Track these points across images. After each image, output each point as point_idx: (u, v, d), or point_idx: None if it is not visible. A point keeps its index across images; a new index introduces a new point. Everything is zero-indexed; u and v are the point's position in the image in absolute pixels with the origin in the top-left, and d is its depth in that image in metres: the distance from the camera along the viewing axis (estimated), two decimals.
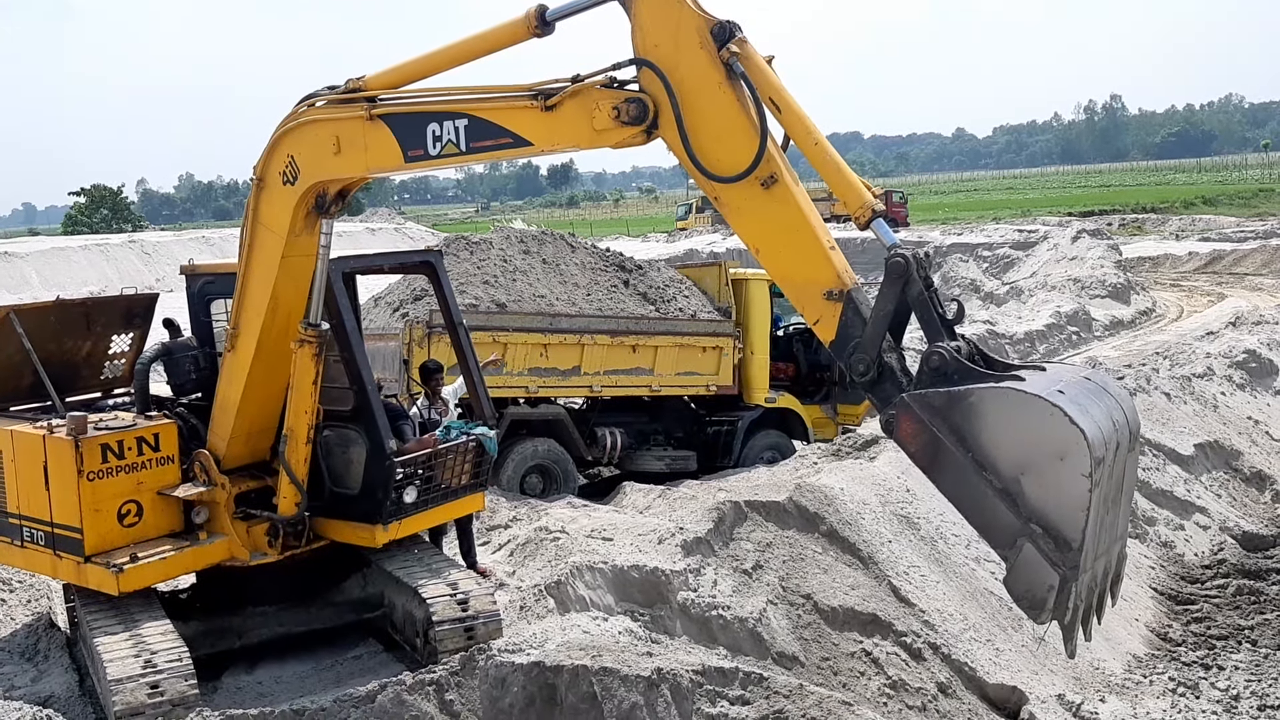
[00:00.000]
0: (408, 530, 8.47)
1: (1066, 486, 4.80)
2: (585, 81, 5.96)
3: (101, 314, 9.49)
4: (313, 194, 7.39)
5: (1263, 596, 11.98)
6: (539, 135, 6.21)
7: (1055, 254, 37.04)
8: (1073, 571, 4.86)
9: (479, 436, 8.71)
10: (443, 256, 9.59)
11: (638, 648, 8.03)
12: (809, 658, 9.48)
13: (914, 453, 5.21)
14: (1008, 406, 4.92)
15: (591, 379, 14.08)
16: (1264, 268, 38.73)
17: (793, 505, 10.87)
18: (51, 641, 8.96)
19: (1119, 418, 5.14)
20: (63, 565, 7.89)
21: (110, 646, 7.31)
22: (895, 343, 5.40)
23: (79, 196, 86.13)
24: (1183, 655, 10.79)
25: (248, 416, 8.15)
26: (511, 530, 11.11)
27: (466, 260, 14.61)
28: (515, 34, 6.25)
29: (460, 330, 9.13)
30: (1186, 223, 57.09)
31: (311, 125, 7.22)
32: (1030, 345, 25.06)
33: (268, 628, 8.58)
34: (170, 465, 8.10)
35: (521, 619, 8.87)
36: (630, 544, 10.13)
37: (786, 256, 5.65)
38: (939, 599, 10.41)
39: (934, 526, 11.40)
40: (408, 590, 8.30)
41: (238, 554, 8.21)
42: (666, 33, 5.68)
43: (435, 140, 6.57)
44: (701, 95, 5.64)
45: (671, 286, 15.60)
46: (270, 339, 7.82)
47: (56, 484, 7.76)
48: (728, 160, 5.62)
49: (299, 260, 7.63)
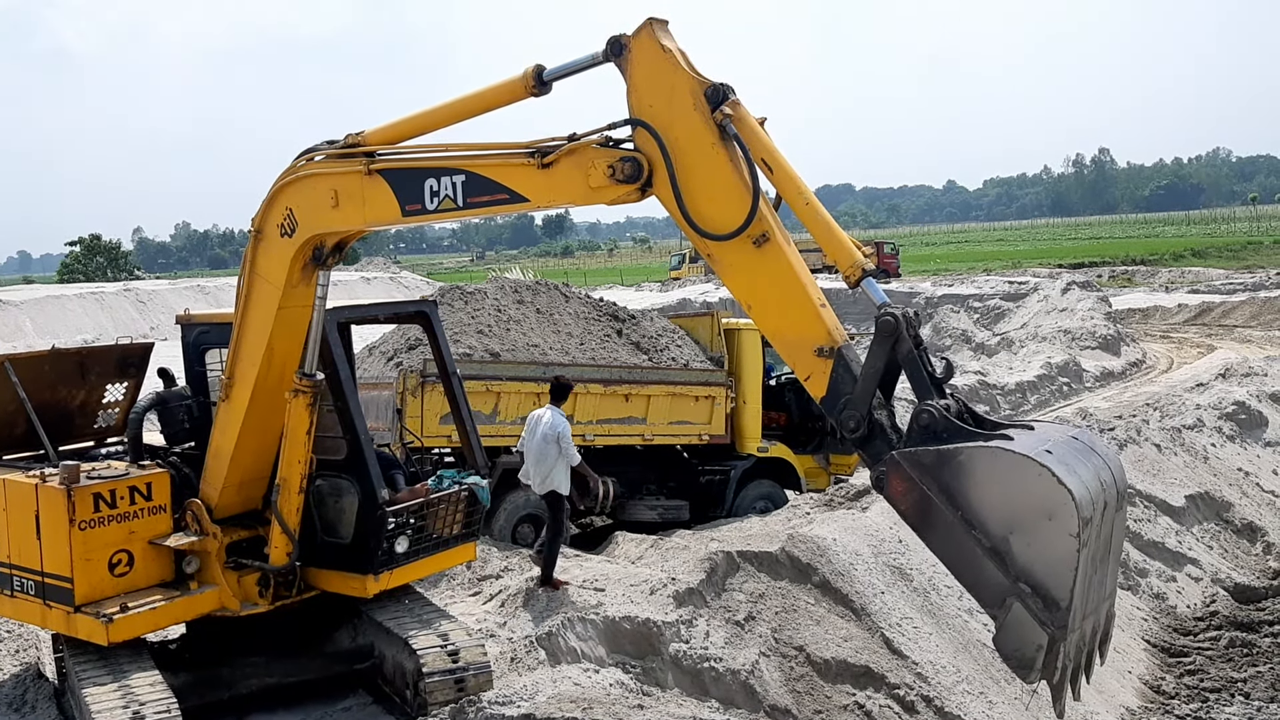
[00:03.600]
0: (399, 580, 8.44)
1: (1054, 546, 4.84)
2: (581, 140, 6.07)
3: (96, 363, 9.52)
4: (310, 246, 7.47)
5: (1255, 649, 11.96)
6: (535, 192, 6.31)
7: (1046, 305, 37.26)
8: (1061, 631, 4.89)
9: (471, 486, 8.71)
10: (437, 306, 9.66)
11: (629, 700, 7.99)
12: (802, 710, 9.43)
13: (904, 510, 5.26)
14: (996, 466, 4.97)
15: (585, 428, 14.09)
16: (1253, 320, 38.99)
17: (785, 556, 10.87)
18: (39, 692, 8.88)
19: (1106, 477, 5.20)
20: (52, 615, 7.85)
21: (98, 697, 7.25)
22: (885, 400, 5.47)
23: (75, 247, 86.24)
24: (1176, 708, 10.76)
25: (241, 466, 8.16)
26: (503, 580, 11.07)
27: (461, 310, 14.69)
28: (513, 93, 6.38)
29: (454, 380, 9.17)
30: (1176, 275, 57.56)
31: (310, 179, 7.31)
32: (1021, 395, 25.13)
33: (257, 678, 8.51)
34: (162, 514, 8.08)
35: (512, 670, 8.83)
36: (622, 594, 10.10)
37: (778, 313, 5.73)
38: (932, 651, 10.38)
39: (926, 578, 11.39)
40: (398, 641, 8.26)
41: (228, 604, 8.17)
42: (661, 94, 5.80)
43: (433, 195, 6.66)
44: (695, 155, 5.75)
45: (664, 336, 15.67)
46: (265, 389, 7.85)
47: (48, 533, 7.74)
48: (720, 219, 5.71)
49: (295, 311, 7.68)
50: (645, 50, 5.84)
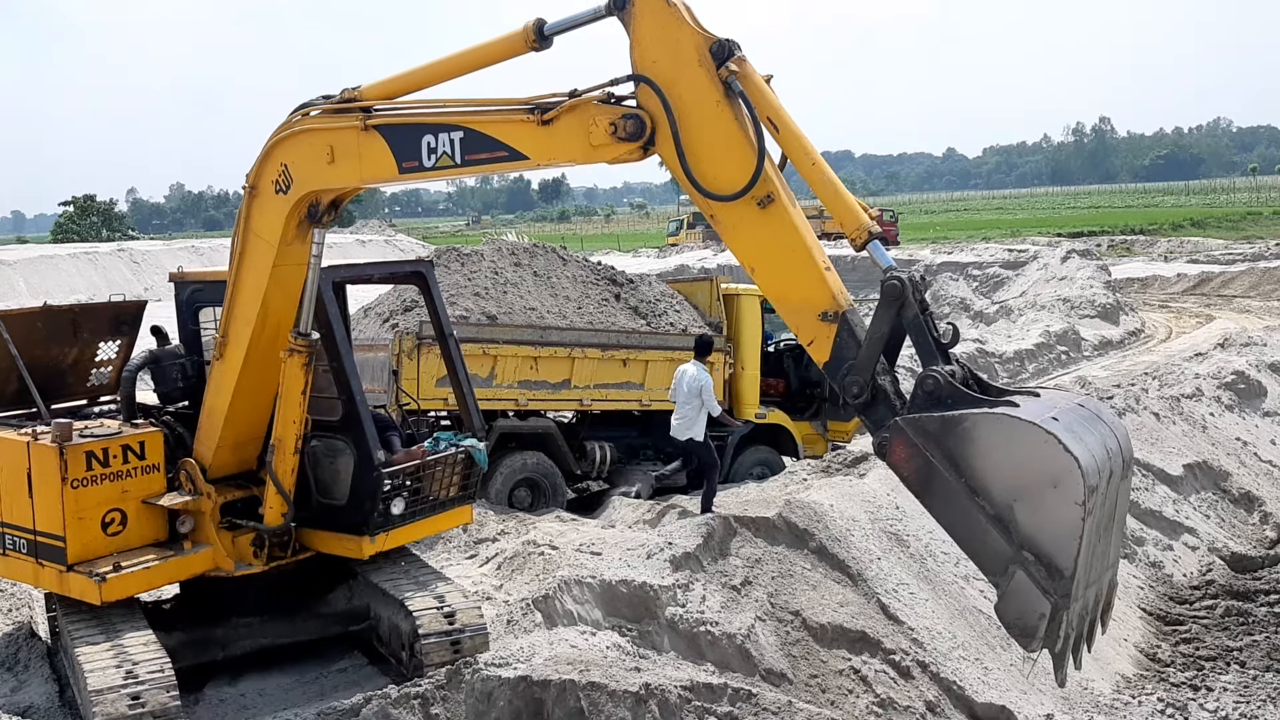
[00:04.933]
0: (395, 542, 8.40)
1: (1059, 514, 4.77)
2: (583, 96, 5.93)
3: (89, 321, 9.42)
4: (305, 203, 7.35)
5: (1251, 618, 11.97)
6: (535, 149, 6.18)
7: (1045, 274, 37.16)
8: (1064, 600, 4.83)
9: (468, 449, 8.66)
10: (434, 267, 9.56)
11: (625, 663, 7.97)
12: (797, 675, 9.43)
13: (907, 477, 5.19)
14: (1002, 433, 4.89)
15: (582, 392, 14.05)
16: (1252, 290, 38.94)
17: (782, 522, 10.84)
18: (32, 651, 8.87)
19: (1112, 445, 5.12)
20: (45, 574, 7.80)
21: (91, 657, 7.21)
22: (889, 365, 5.38)
23: (68, 207, 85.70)
24: (1171, 676, 10.78)
25: (235, 425, 8.09)
26: (499, 544, 11.05)
27: (457, 272, 14.57)
28: (513, 47, 6.24)
29: (450, 342, 9.09)
30: (1175, 245, 57.45)
31: (306, 134, 7.18)
32: (1020, 364, 25.09)
33: (251, 639, 8.50)
34: (156, 474, 8.02)
35: (508, 633, 8.81)
36: (619, 559, 10.08)
37: (782, 276, 5.62)
38: (928, 617, 10.38)
39: (923, 544, 11.38)
40: (394, 603, 8.23)
41: (222, 564, 8.13)
42: (665, 49, 5.66)
43: (430, 152, 6.54)
44: (699, 113, 5.62)
45: (663, 301, 15.58)
46: (259, 348, 7.76)
47: (40, 491, 7.68)
48: (724, 178, 5.59)
49: (290, 269, 7.58)
50: (649, 4, 5.68)
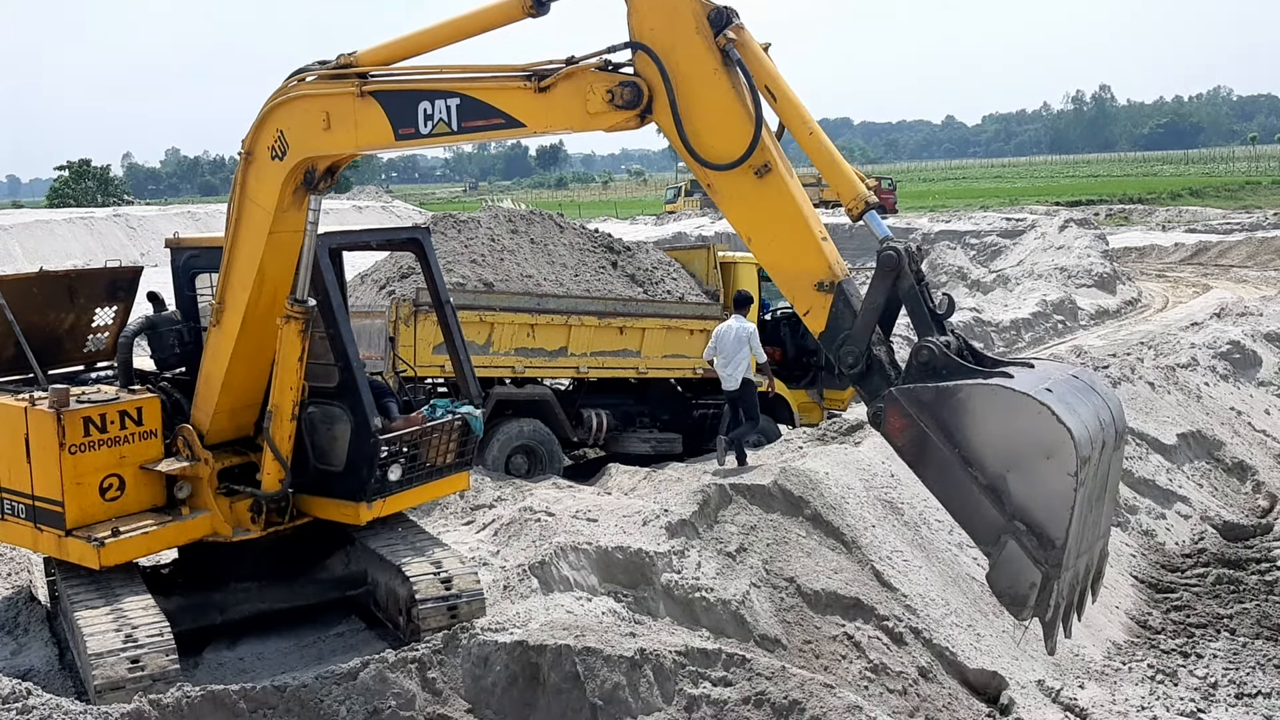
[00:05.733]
0: (392, 508, 8.44)
1: (1052, 485, 4.81)
2: (580, 64, 5.91)
3: (85, 286, 9.40)
4: (301, 170, 7.32)
5: (1242, 586, 12.07)
6: (532, 116, 6.16)
7: (1042, 243, 37.14)
8: (1055, 570, 4.88)
9: (464, 416, 8.68)
10: (430, 234, 9.55)
11: (621, 628, 8.04)
12: (791, 640, 9.51)
13: (901, 446, 5.22)
14: (996, 403, 4.93)
15: (578, 360, 14.06)
16: (1249, 260, 38.95)
17: (777, 489, 10.89)
18: (31, 615, 8.92)
19: (1105, 416, 5.15)
20: (43, 538, 7.84)
21: (91, 620, 7.26)
22: (885, 335, 5.40)
23: (64, 171, 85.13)
24: (1162, 643, 10.87)
25: (232, 392, 8.10)
26: (496, 510, 11.10)
27: (454, 239, 14.55)
28: (509, 13, 6.20)
29: (447, 308, 9.09)
30: (1173, 214, 57.36)
31: (301, 100, 7.14)
32: (1016, 333, 25.13)
33: (250, 604, 8.55)
34: (153, 440, 8.04)
35: (505, 598, 8.87)
36: (615, 525, 10.13)
37: (778, 246, 5.63)
38: (921, 584, 10.46)
39: (917, 512, 11.45)
40: (391, 568, 8.28)
41: (220, 530, 8.17)
42: (663, 16, 5.63)
43: (427, 119, 6.52)
44: (697, 81, 5.60)
45: (660, 269, 15.57)
46: (256, 314, 7.76)
47: (38, 456, 7.70)
48: (722, 147, 5.59)
49: (286, 236, 7.56)
50: None
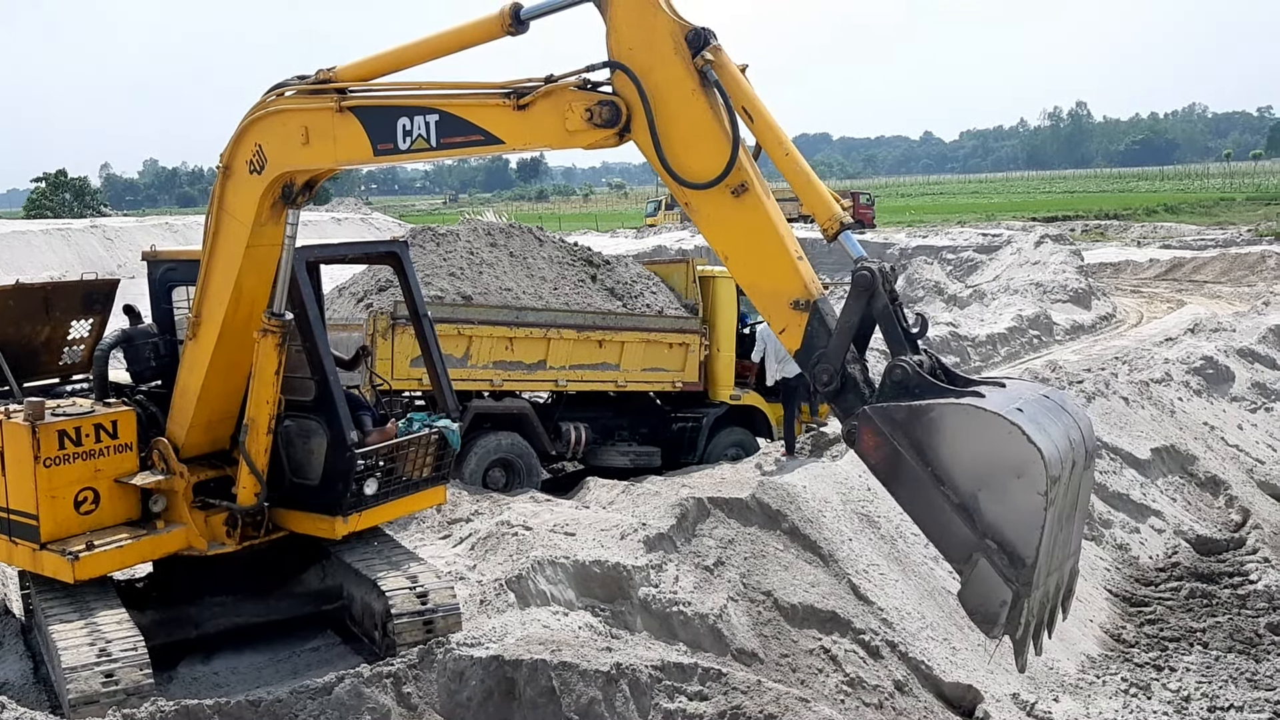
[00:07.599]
0: (368, 522, 8.42)
1: (1022, 504, 4.86)
2: (559, 82, 5.95)
3: (61, 299, 9.37)
4: (279, 184, 7.33)
5: (1215, 600, 12.19)
6: (510, 134, 6.19)
7: (1018, 258, 37.40)
8: (1025, 588, 4.93)
9: (441, 429, 8.68)
10: (408, 247, 9.55)
11: (597, 643, 8.05)
12: (768, 654, 9.54)
13: (874, 464, 5.28)
14: (967, 422, 4.98)
15: (557, 373, 14.07)
16: (1223, 276, 39.31)
17: (755, 502, 10.93)
18: (5, 628, 8.86)
19: (1075, 436, 5.22)
20: (18, 551, 7.79)
21: (65, 634, 7.22)
22: (859, 354, 5.46)
23: (41, 182, 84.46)
24: (1135, 656, 10.97)
25: (208, 405, 8.08)
26: (473, 524, 11.08)
27: (433, 252, 14.55)
28: (489, 31, 6.23)
29: (425, 322, 9.09)
30: (1148, 230, 57.82)
31: (280, 115, 7.16)
32: (992, 348, 25.28)
33: (225, 618, 8.52)
34: (128, 453, 8.01)
35: (481, 613, 8.86)
36: (592, 539, 10.14)
37: (754, 265, 5.69)
38: (897, 597, 10.52)
39: (893, 525, 11.51)
40: (367, 583, 8.26)
41: (195, 543, 8.13)
42: (641, 37, 5.68)
43: (405, 135, 6.54)
44: (674, 101, 5.65)
45: (639, 282, 15.61)
46: (233, 328, 7.75)
47: (13, 469, 7.66)
48: (699, 167, 5.63)
49: (264, 250, 7.56)
50: None
